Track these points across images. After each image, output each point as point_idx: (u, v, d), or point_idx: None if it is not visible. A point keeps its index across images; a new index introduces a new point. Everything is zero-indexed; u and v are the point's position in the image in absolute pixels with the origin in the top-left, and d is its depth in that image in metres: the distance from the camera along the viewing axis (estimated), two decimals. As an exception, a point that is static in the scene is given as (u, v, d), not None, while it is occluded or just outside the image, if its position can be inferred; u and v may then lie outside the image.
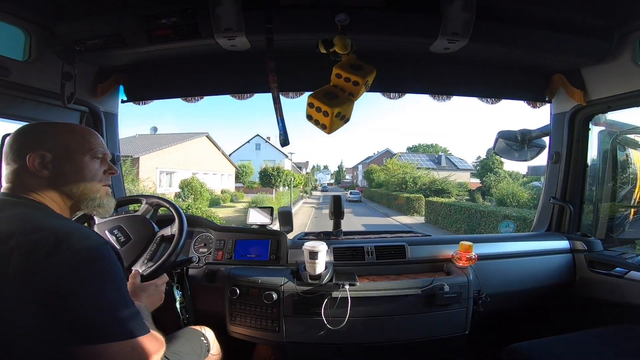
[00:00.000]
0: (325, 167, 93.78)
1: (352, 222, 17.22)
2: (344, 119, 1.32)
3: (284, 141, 1.41)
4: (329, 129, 1.30)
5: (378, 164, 42.81)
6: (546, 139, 2.06)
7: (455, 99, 1.92)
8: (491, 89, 1.88)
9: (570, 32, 1.47)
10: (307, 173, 54.29)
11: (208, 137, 24.81)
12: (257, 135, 40.32)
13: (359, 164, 61.91)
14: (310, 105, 1.29)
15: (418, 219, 19.81)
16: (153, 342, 0.74)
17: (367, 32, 1.43)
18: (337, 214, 1.84)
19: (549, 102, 1.97)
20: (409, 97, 1.94)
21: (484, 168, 30.76)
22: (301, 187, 36.86)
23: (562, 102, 1.91)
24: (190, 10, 1.35)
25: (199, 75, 1.83)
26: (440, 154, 47.46)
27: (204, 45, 1.50)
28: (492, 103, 1.92)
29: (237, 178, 29.49)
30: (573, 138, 1.91)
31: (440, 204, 17.94)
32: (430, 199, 19.95)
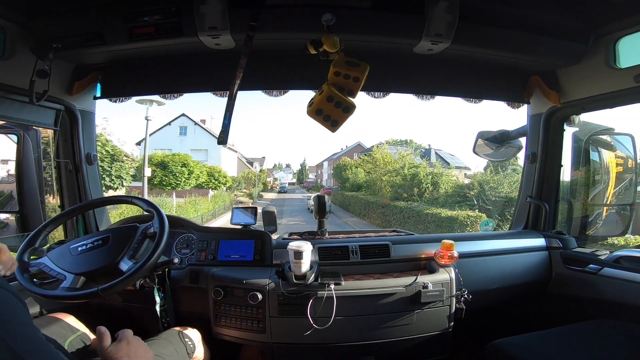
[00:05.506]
0: (288, 166, 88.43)
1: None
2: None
3: (223, 140, 1.40)
4: (338, 126, 1.39)
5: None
6: (523, 140, 2.12)
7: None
8: (473, 89, 1.92)
9: (548, 34, 1.51)
10: (260, 171, 43.60)
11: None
12: (183, 114, 28.28)
13: (324, 160, 54.05)
14: (329, 98, 1.34)
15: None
16: None
17: (353, 33, 1.44)
18: (321, 213, 1.84)
19: (528, 103, 2.01)
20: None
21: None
22: (248, 187, 29.29)
23: (538, 104, 1.97)
24: (173, 9, 1.33)
25: (180, 72, 1.80)
26: (428, 147, 36.19)
27: (186, 43, 1.47)
28: (474, 103, 1.96)
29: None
30: (548, 139, 1.97)
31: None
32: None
